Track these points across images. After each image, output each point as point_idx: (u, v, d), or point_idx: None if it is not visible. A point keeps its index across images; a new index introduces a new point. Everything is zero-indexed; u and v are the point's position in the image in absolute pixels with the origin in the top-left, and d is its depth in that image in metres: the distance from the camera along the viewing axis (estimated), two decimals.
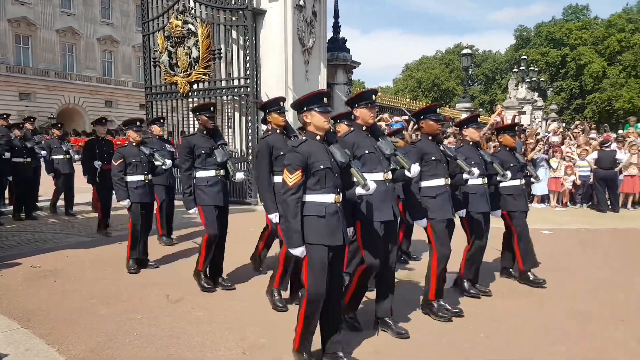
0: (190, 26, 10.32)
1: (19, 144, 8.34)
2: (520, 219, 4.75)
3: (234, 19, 10.07)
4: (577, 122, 16.77)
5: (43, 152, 8.69)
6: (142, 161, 5.30)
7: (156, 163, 5.49)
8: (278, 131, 4.29)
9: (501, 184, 4.60)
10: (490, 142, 9.59)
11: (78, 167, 8.34)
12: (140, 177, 5.28)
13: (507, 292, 4.57)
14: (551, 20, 52.39)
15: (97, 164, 7.27)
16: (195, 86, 10.62)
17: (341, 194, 2.98)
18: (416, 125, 4.40)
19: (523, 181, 4.82)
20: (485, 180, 4.35)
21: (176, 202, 6.90)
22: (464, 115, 19.75)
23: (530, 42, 52.23)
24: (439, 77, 56.46)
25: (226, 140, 10.76)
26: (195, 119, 4.70)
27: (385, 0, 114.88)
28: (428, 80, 56.53)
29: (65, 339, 3.44)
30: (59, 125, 9.58)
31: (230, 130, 10.66)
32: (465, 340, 3.47)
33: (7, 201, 9.18)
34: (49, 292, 4.48)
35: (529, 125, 18.67)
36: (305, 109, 3.00)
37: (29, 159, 8.46)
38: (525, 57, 33.53)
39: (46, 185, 9.47)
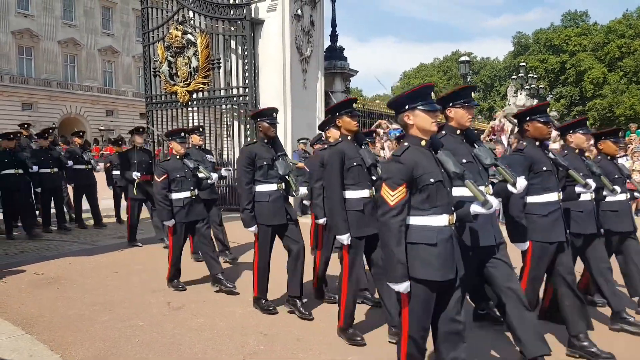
0: (189, 36, 10.45)
1: (44, 155, 7.99)
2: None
3: (232, 29, 10.21)
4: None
5: (70, 162, 8.34)
6: (187, 176, 4.80)
7: (200, 176, 5.03)
8: (349, 138, 3.62)
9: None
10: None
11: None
12: (187, 194, 4.79)
13: None
14: (550, 27, 52.68)
15: (136, 174, 6.85)
16: (194, 95, 10.73)
17: (455, 215, 2.45)
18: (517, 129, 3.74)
19: (628, 195, 4.06)
20: (593, 195, 3.67)
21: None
22: None
23: (528, 48, 52.46)
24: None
25: (225, 149, 10.99)
26: (255, 126, 4.13)
27: (380, 9, 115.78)
28: None
29: (69, 345, 3.50)
30: (81, 133, 9.23)
31: (229, 138, 10.76)
32: None
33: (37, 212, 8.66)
34: (52, 299, 4.54)
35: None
36: (406, 107, 2.46)
37: (55, 169, 8.07)
38: (524, 63, 33.62)
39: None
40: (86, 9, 36.00)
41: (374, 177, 3.55)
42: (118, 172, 8.19)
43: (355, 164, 3.45)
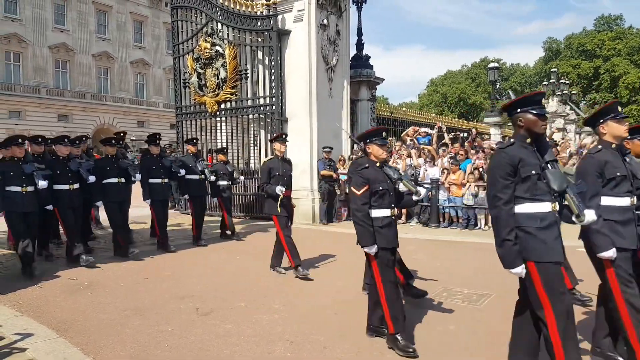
0: (218, 48, 10.67)
1: (155, 164, 7.32)
2: None
3: (259, 40, 10.38)
4: None
5: (182, 171, 7.64)
6: (389, 189, 3.71)
7: None
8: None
9: None
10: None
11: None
12: (387, 212, 3.68)
13: None
14: (582, 32, 51.48)
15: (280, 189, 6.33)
16: (222, 106, 10.93)
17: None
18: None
19: None
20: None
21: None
22: (492, 130, 19.55)
23: (560, 54, 51.37)
24: (465, 92, 56.00)
25: (252, 157, 11.11)
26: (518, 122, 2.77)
27: (407, 18, 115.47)
28: (454, 94, 56.11)
29: (101, 348, 3.59)
30: (194, 140, 8.62)
31: (255, 147, 10.89)
32: None
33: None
34: (85, 304, 4.67)
35: (562, 139, 18.27)
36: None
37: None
38: (555, 69, 32.97)
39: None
40: (119, 23, 37.23)
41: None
42: (225, 182, 8.45)
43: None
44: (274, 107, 10.13)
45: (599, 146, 3.23)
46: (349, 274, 5.59)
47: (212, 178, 8.11)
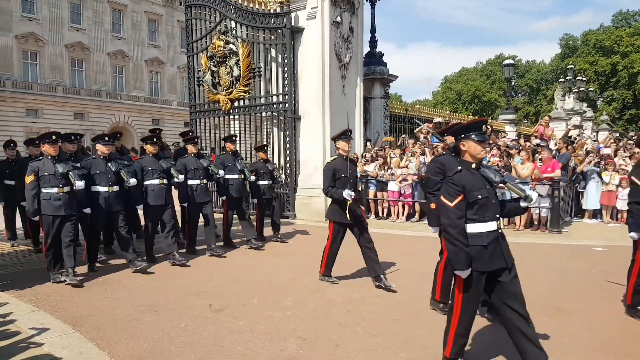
0: (231, 46, 10.70)
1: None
2: None
3: (273, 37, 10.38)
4: (632, 133, 16.00)
5: (221, 172, 7.01)
6: (490, 196, 3.14)
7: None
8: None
9: None
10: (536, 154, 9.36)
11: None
12: (492, 226, 3.00)
13: None
14: (599, 28, 50.58)
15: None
16: (236, 103, 10.96)
17: None
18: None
19: None
20: None
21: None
22: (507, 127, 19.31)
23: (577, 50, 50.56)
24: (479, 89, 55.46)
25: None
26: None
27: (421, 15, 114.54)
28: (468, 92, 55.62)
29: (115, 344, 3.63)
30: (233, 137, 7.94)
31: (268, 145, 10.90)
32: None
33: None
34: (101, 300, 4.73)
35: (578, 135, 17.98)
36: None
37: (204, 180, 6.89)
38: (572, 66, 32.42)
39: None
40: (134, 21, 37.58)
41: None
42: (266, 182, 7.65)
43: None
44: (286, 104, 10.13)
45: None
46: (361, 271, 5.57)
47: (252, 178, 7.45)
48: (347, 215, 4.97)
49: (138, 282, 5.38)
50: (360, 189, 8.91)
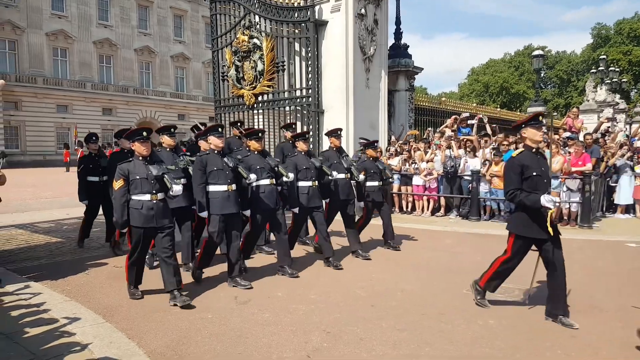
0: (255, 40, 10.73)
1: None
2: None
3: (296, 31, 10.37)
4: None
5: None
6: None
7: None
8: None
9: None
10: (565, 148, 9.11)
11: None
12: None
13: None
14: (634, 17, 48.73)
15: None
16: (260, 98, 11.01)
17: None
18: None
19: None
20: None
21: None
22: None
23: (609, 40, 48.88)
24: (507, 81, 54.27)
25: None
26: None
27: (447, 6, 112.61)
28: (496, 84, 54.51)
29: (144, 334, 3.71)
30: (338, 132, 6.88)
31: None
32: None
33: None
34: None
35: (609, 127, 17.41)
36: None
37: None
38: (604, 56, 31.33)
39: None
40: (159, 17, 38.17)
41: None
42: (376, 183, 6.74)
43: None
44: (310, 98, 10.12)
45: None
46: (384, 266, 5.54)
47: (361, 177, 6.39)
48: (550, 229, 3.86)
49: None
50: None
